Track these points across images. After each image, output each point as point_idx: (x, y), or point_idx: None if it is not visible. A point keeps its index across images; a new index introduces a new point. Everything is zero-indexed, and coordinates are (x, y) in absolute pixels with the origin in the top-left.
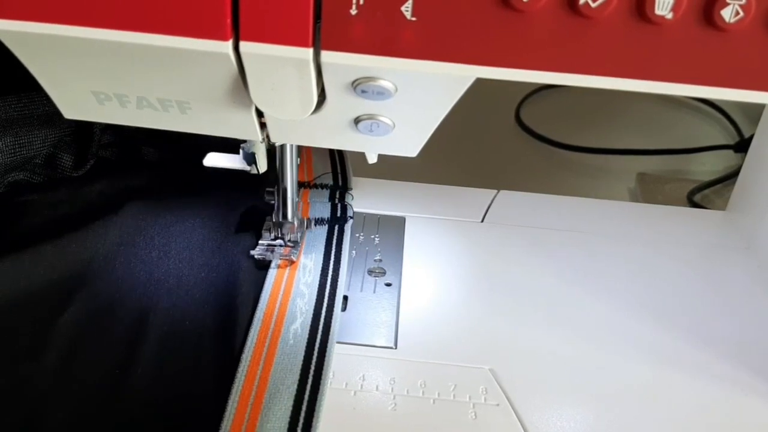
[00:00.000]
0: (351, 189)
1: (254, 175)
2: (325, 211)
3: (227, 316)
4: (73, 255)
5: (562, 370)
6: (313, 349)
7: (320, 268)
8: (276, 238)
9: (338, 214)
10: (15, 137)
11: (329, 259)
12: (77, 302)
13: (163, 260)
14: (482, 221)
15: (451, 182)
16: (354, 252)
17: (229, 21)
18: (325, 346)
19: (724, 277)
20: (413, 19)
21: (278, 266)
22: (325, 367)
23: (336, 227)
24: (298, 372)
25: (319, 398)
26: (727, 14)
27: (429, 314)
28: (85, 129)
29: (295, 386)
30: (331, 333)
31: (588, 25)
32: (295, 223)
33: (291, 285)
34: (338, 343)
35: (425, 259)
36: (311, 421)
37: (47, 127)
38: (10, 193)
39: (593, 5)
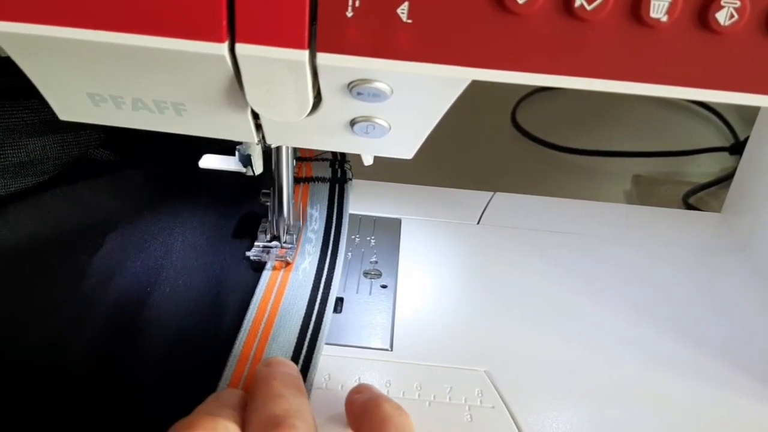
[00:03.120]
0: (349, 161)
1: (249, 176)
2: (326, 173)
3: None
4: (106, 202)
5: (557, 371)
6: (319, 285)
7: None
8: (272, 239)
9: (338, 176)
10: (63, 134)
11: (331, 221)
12: (109, 242)
13: (189, 207)
14: (478, 223)
15: (447, 184)
16: (350, 254)
17: (224, 23)
18: (330, 284)
19: (719, 279)
20: (409, 21)
21: (273, 268)
22: (329, 299)
23: (336, 186)
24: (305, 305)
25: (324, 320)
26: (722, 17)
27: (425, 316)
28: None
29: (303, 312)
30: (337, 265)
31: (583, 27)
32: (290, 221)
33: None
34: (334, 345)
35: (421, 260)
36: (318, 334)
37: (90, 126)
38: None
39: (589, 8)
